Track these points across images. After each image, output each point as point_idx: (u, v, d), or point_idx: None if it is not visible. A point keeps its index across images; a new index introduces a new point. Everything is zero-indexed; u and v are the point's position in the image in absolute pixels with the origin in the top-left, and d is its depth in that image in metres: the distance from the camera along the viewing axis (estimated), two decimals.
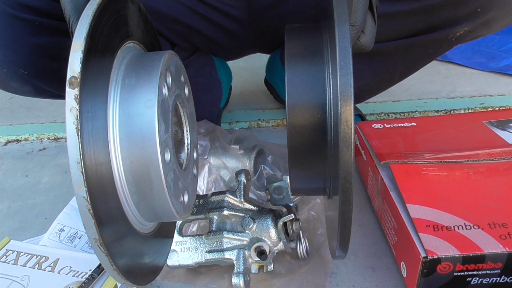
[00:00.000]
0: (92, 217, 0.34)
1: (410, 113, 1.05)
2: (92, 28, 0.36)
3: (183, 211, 0.46)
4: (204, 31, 0.83)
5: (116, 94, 0.40)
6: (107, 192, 0.38)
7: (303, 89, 0.39)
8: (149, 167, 0.39)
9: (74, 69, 0.34)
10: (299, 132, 0.40)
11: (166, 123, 0.41)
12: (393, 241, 0.62)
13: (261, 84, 1.19)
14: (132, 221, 0.42)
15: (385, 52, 0.74)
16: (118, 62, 0.42)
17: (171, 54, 0.46)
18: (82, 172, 0.33)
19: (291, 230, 0.58)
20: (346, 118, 0.33)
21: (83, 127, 0.34)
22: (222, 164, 0.73)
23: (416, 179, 0.63)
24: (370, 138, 0.76)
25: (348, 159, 0.35)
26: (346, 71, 0.34)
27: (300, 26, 0.45)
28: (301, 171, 0.43)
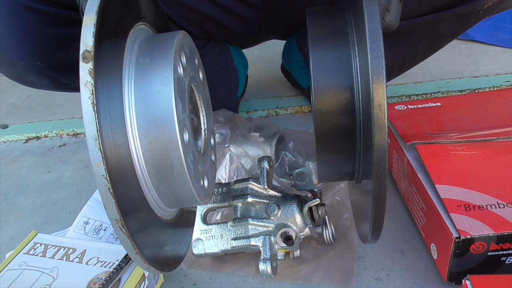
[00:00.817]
0: (113, 196, 0.32)
1: (432, 94, 1.02)
2: (103, 3, 0.35)
3: (204, 195, 0.44)
4: (219, 19, 0.81)
5: (131, 73, 0.39)
6: (126, 173, 0.36)
7: (329, 74, 0.38)
8: (168, 146, 0.38)
9: (87, 42, 0.32)
10: (327, 118, 0.39)
11: (183, 103, 0.40)
12: (422, 223, 0.60)
13: (277, 72, 1.17)
14: (153, 206, 0.41)
15: (408, 30, 0.71)
16: (131, 42, 0.41)
17: (184, 35, 0.45)
18: (100, 149, 0.31)
19: (317, 215, 0.57)
20: (379, 102, 0.32)
21: (99, 103, 0.32)
22: (243, 152, 0.72)
23: (444, 159, 0.61)
24: (394, 120, 0.74)
25: (382, 144, 0.33)
26: (378, 53, 0.32)
27: (321, 8, 0.44)
28: (329, 157, 0.42)
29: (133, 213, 0.37)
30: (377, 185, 0.35)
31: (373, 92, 0.32)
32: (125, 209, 0.34)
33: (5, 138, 1.14)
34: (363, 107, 0.37)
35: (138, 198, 0.38)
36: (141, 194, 0.39)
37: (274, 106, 1.07)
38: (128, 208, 0.35)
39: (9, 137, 1.13)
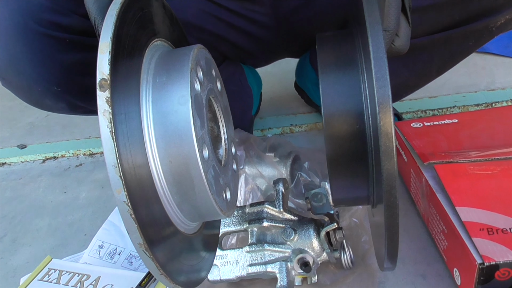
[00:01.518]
0: (135, 221, 0.32)
1: (448, 108, 1.00)
2: (118, 28, 0.35)
3: (226, 208, 0.44)
4: (231, 39, 0.82)
5: (148, 93, 0.39)
6: (148, 194, 0.37)
7: (339, 100, 0.38)
8: (189, 165, 0.38)
9: (103, 71, 0.33)
10: (338, 144, 0.39)
11: (201, 118, 0.40)
12: (443, 246, 0.59)
13: (291, 89, 1.17)
14: (176, 223, 0.41)
15: (421, 47, 0.70)
16: (147, 61, 0.41)
17: (200, 48, 0.45)
18: (120, 176, 0.32)
19: (334, 240, 0.56)
20: (387, 131, 0.32)
21: (117, 129, 0.33)
22: (258, 173, 0.72)
23: (464, 179, 0.60)
24: (410, 138, 0.72)
25: (391, 173, 0.33)
26: (383, 82, 0.32)
27: (331, 34, 0.44)
28: (343, 182, 0.42)
29: (156, 233, 0.37)
30: (388, 214, 0.35)
31: (380, 122, 0.32)
32: (148, 231, 0.34)
33: (23, 158, 1.15)
34: (374, 133, 0.37)
35: (161, 217, 0.39)
36: (163, 213, 0.39)
37: (289, 123, 1.06)
38: (150, 230, 0.35)
39: (27, 157, 1.15)
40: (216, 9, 0.76)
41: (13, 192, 1.00)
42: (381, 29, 0.33)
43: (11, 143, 1.25)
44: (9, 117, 1.48)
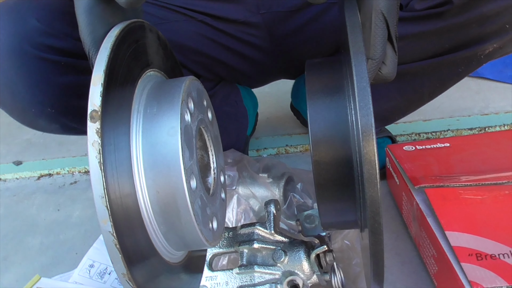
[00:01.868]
0: (119, 251, 0.33)
1: (442, 132, 1.01)
2: (111, 60, 0.36)
3: (212, 238, 0.44)
4: (227, 62, 0.83)
5: (139, 124, 0.40)
6: (133, 224, 0.37)
7: (326, 126, 0.39)
8: (175, 195, 0.38)
9: (95, 102, 0.33)
10: (325, 169, 0.39)
11: (190, 149, 0.41)
12: (434, 270, 0.59)
13: (287, 109, 1.18)
14: (161, 252, 0.41)
15: (412, 73, 0.72)
16: (139, 92, 0.42)
17: (192, 80, 0.46)
18: (106, 207, 0.32)
19: (325, 262, 0.56)
20: (370, 159, 0.33)
21: (106, 160, 0.33)
22: (251, 194, 0.72)
23: (454, 204, 0.60)
24: (402, 161, 0.73)
25: (375, 200, 0.33)
26: (366, 111, 0.33)
27: (320, 61, 0.45)
28: (330, 206, 0.43)
29: (140, 262, 0.37)
30: (373, 241, 0.35)
31: (363, 149, 0.33)
32: (132, 260, 0.35)
33: (18, 175, 1.15)
34: (360, 159, 0.37)
35: (146, 246, 0.39)
36: (149, 243, 0.39)
37: (284, 144, 1.07)
38: (135, 259, 0.35)
39: (22, 173, 1.15)
40: (213, 32, 0.78)
41: (7, 209, 1.00)
42: (364, 59, 0.34)
43: (7, 160, 1.25)
44: (6, 133, 1.48)
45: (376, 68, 0.40)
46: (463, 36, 0.66)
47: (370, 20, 0.39)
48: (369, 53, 0.39)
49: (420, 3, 0.65)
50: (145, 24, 0.44)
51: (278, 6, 0.77)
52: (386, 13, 0.39)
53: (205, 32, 0.78)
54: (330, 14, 0.77)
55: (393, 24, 0.40)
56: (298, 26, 0.79)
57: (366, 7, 0.39)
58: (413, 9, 0.65)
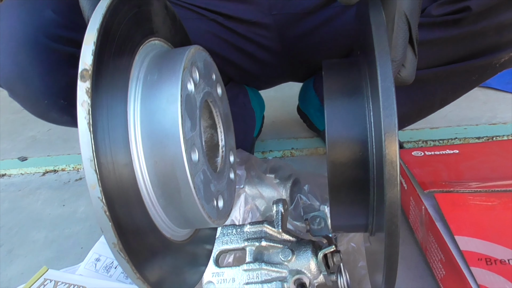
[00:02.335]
0: (109, 219, 0.30)
1: (449, 140, 1.01)
2: (107, 20, 0.33)
3: (216, 216, 0.42)
4: (237, 62, 0.83)
5: (138, 91, 0.38)
6: (128, 194, 0.34)
7: (343, 127, 0.39)
8: (174, 166, 0.36)
9: (86, 61, 0.31)
10: (340, 170, 0.39)
11: (192, 120, 0.38)
12: (441, 275, 0.58)
13: (293, 113, 1.18)
14: (161, 227, 0.39)
15: (425, 80, 0.72)
16: (140, 58, 0.40)
17: (198, 49, 0.43)
18: (95, 171, 0.30)
19: (332, 262, 0.56)
20: (392, 160, 0.32)
21: (97, 122, 0.31)
22: (258, 194, 0.72)
23: (464, 209, 0.60)
24: (411, 166, 0.73)
25: (394, 201, 0.33)
26: (390, 111, 0.33)
27: (338, 61, 0.45)
28: (343, 209, 0.42)
29: (135, 236, 0.34)
30: (389, 243, 0.34)
31: (385, 150, 0.32)
32: (126, 231, 0.32)
33: (23, 171, 1.15)
34: (377, 161, 0.37)
35: (142, 219, 0.36)
36: (146, 216, 0.37)
37: (290, 147, 1.07)
38: (129, 231, 0.33)
39: (27, 169, 1.15)
40: (224, 31, 0.78)
41: (12, 204, 1.00)
42: (389, 59, 0.34)
43: (12, 155, 1.26)
44: (11, 130, 1.49)
45: (396, 70, 0.40)
46: (479, 44, 0.66)
47: (392, 21, 0.39)
48: (391, 55, 0.39)
49: (437, 9, 0.65)
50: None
51: (290, 8, 0.77)
52: (409, 15, 0.39)
53: (216, 31, 0.78)
54: (342, 18, 0.78)
55: (415, 27, 0.40)
56: (309, 29, 0.79)
57: (389, 7, 0.39)
58: (430, 15, 0.65)
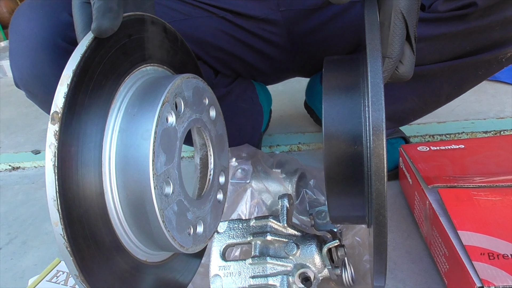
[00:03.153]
0: (70, 254, 0.33)
1: (456, 134, 1.01)
2: (86, 59, 0.35)
3: (192, 244, 0.43)
4: (246, 58, 0.84)
5: (117, 123, 0.39)
6: (96, 225, 0.36)
7: (339, 121, 0.40)
8: (144, 201, 0.38)
9: (57, 103, 0.33)
10: (336, 163, 0.40)
11: (169, 153, 0.40)
12: (445, 269, 0.59)
13: (300, 108, 1.19)
14: (135, 252, 0.41)
15: (431, 74, 0.72)
16: (125, 89, 0.41)
17: (186, 78, 0.44)
18: (58, 210, 0.32)
19: (336, 256, 0.57)
20: (378, 153, 0.34)
21: (64, 163, 0.33)
22: (264, 188, 0.73)
23: (467, 204, 0.60)
24: (416, 161, 0.73)
25: (381, 192, 0.35)
26: (378, 106, 0.34)
27: (338, 58, 0.46)
28: (339, 201, 0.43)
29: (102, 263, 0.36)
30: (377, 233, 0.36)
31: (372, 143, 0.34)
32: (89, 261, 0.34)
33: (37, 163, 1.18)
34: (371, 155, 0.38)
35: (111, 247, 0.38)
36: (116, 243, 0.39)
37: (297, 141, 1.08)
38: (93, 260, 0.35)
39: (40, 162, 1.18)
40: (233, 28, 0.79)
41: (26, 196, 1.03)
42: (380, 56, 0.35)
43: (25, 148, 1.28)
44: (25, 123, 1.52)
45: (393, 67, 0.41)
46: (486, 39, 0.66)
47: (389, 19, 0.40)
48: (387, 51, 0.40)
49: (444, 5, 0.65)
50: (145, 17, 0.43)
51: (298, 4, 0.78)
52: (406, 13, 0.40)
53: (225, 28, 0.79)
54: (350, 13, 0.78)
55: (412, 24, 0.41)
56: (317, 25, 0.80)
57: (386, 6, 0.40)
58: (436, 11, 0.66)
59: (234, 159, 0.76)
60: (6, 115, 1.64)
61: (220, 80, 0.86)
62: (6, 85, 2.16)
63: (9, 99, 1.88)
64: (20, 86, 0.66)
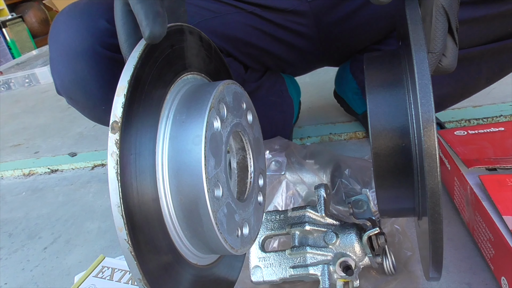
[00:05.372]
0: (134, 258, 0.34)
1: (494, 118, 0.98)
2: (138, 69, 0.36)
3: (240, 245, 0.44)
4: (275, 51, 0.84)
5: (167, 130, 0.40)
6: (154, 230, 0.38)
7: (385, 119, 0.40)
8: (198, 204, 0.39)
9: (116, 113, 0.34)
10: (385, 161, 0.41)
11: (217, 157, 0.41)
12: (490, 254, 0.58)
13: (329, 98, 1.18)
14: (187, 255, 0.42)
15: (469, 58, 0.70)
16: (171, 97, 0.42)
17: (227, 84, 0.45)
18: (122, 216, 0.33)
19: (377, 245, 0.56)
20: (431, 153, 0.34)
21: (125, 170, 0.34)
22: (299, 179, 0.73)
23: (510, 189, 0.59)
24: (454, 145, 0.72)
25: (435, 191, 0.35)
26: (428, 107, 0.34)
27: (379, 55, 0.46)
28: (388, 195, 0.44)
29: (161, 267, 0.38)
30: (433, 229, 0.37)
31: (424, 144, 0.34)
32: (150, 265, 0.36)
33: (74, 166, 1.22)
34: (419, 150, 0.39)
35: (168, 251, 0.40)
36: (171, 247, 0.40)
37: (328, 132, 1.07)
38: (154, 264, 0.37)
39: (77, 164, 1.22)
40: (261, 22, 0.79)
41: (66, 197, 1.06)
42: (426, 57, 0.35)
43: (62, 151, 1.33)
44: (60, 127, 1.57)
45: (436, 60, 0.41)
46: None
47: (431, 14, 0.39)
48: (430, 47, 0.40)
49: None
50: (183, 28, 0.44)
51: None
52: (447, 7, 0.39)
53: (254, 23, 0.79)
54: None
55: (454, 17, 0.40)
56: (346, 14, 0.79)
57: (427, 1, 0.39)
58: None
59: (267, 152, 0.76)
60: (42, 121, 1.70)
61: (250, 75, 0.86)
62: (40, 92, 2.23)
63: (43, 105, 1.95)
64: (62, 93, 0.69)
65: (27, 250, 0.88)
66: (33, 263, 0.83)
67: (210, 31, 0.78)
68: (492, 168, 0.64)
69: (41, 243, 0.90)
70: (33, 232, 0.95)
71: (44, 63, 2.56)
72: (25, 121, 1.76)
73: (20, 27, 3.59)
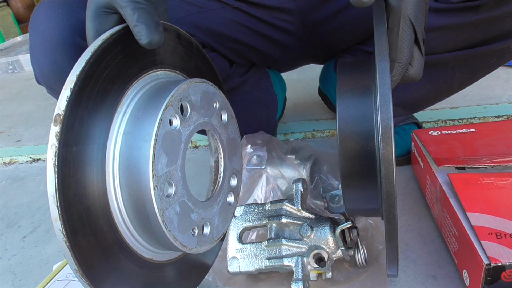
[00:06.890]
0: (69, 249, 0.34)
1: (469, 119, 1.02)
2: (92, 64, 0.37)
3: (196, 244, 0.45)
4: (261, 48, 0.86)
5: (122, 125, 0.41)
6: (97, 222, 0.38)
7: (353, 124, 0.42)
8: (144, 201, 0.39)
9: (60, 106, 0.35)
10: (350, 163, 0.43)
11: (172, 155, 0.41)
12: (454, 249, 0.61)
13: (314, 95, 1.21)
14: (139, 250, 0.43)
15: (444, 63, 0.73)
16: (133, 93, 0.42)
17: (194, 83, 0.45)
18: (57, 207, 0.34)
19: (349, 238, 0.59)
20: (388, 158, 0.37)
21: (65, 161, 0.35)
22: (279, 174, 0.76)
23: (476, 188, 0.62)
24: (427, 145, 0.75)
25: (391, 194, 0.38)
26: (387, 115, 0.37)
27: (351, 61, 0.48)
28: (354, 195, 0.46)
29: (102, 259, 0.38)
30: (388, 229, 0.39)
31: (382, 150, 0.37)
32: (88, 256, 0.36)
33: None
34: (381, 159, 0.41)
35: (113, 244, 0.40)
36: (118, 240, 0.40)
37: (311, 128, 1.10)
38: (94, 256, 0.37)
39: None
40: (247, 18, 0.81)
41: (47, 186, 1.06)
42: (388, 67, 0.37)
43: (45, 140, 1.31)
44: (44, 115, 1.56)
45: (402, 70, 0.43)
46: (497, 29, 0.67)
47: (398, 25, 0.41)
48: (396, 56, 0.42)
49: None
50: None
51: None
52: (414, 19, 0.41)
53: (240, 19, 0.81)
54: None
55: (420, 28, 0.42)
56: (331, 13, 0.81)
57: (394, 13, 0.41)
58: (449, 1, 0.67)
59: (249, 146, 0.78)
60: (25, 109, 1.69)
61: (235, 70, 0.88)
62: (24, 79, 2.21)
63: (27, 92, 1.93)
64: (41, 82, 0.69)
65: (5, 239, 0.89)
66: (11, 252, 0.84)
67: (194, 26, 0.79)
68: (461, 167, 0.67)
69: (20, 232, 0.90)
70: (12, 221, 0.95)
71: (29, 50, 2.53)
72: (8, 109, 1.75)
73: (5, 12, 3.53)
